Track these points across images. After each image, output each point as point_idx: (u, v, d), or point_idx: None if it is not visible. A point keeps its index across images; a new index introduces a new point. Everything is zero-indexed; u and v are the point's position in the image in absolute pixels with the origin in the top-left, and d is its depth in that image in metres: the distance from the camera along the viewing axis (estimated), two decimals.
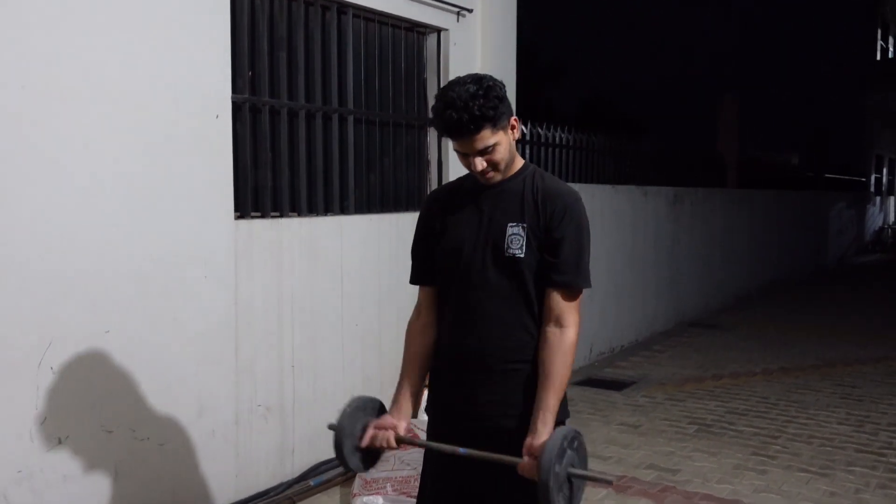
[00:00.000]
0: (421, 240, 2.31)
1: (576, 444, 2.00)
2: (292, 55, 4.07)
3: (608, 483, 2.03)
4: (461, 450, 2.09)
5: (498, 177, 2.15)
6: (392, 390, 2.35)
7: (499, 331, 2.15)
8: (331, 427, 2.19)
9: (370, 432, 2.19)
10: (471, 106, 2.00)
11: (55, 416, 2.95)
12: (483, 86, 2.04)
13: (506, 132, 2.11)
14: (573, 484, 1.99)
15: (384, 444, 2.19)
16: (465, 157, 2.11)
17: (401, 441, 2.21)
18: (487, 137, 2.05)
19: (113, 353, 3.14)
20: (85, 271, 3.03)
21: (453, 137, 2.07)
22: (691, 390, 6.05)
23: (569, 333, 2.10)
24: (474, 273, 2.16)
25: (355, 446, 2.19)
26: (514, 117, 2.15)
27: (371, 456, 2.25)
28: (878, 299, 11.39)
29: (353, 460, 2.20)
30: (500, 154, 2.10)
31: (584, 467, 2.03)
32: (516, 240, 2.11)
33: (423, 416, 3.00)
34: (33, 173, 2.88)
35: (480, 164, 2.09)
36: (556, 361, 2.07)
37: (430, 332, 2.29)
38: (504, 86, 2.12)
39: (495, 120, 2.05)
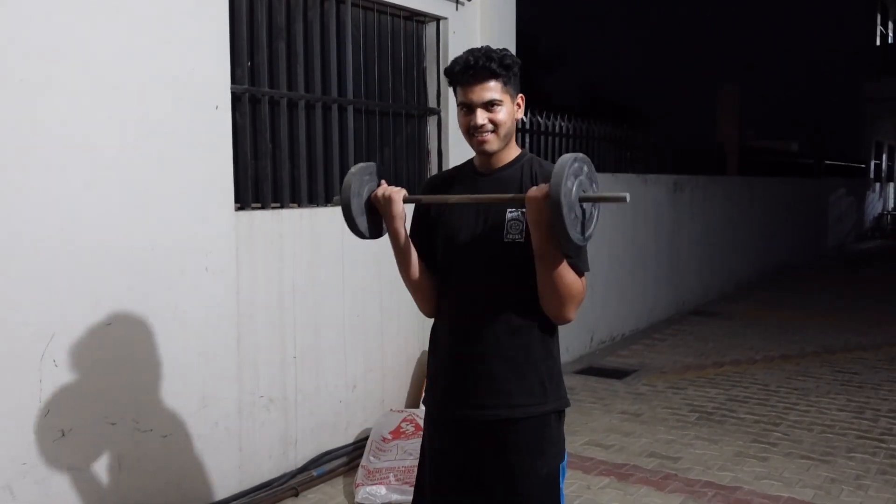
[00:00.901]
0: (418, 227, 2.31)
1: (586, 168, 1.94)
2: (291, 45, 4.06)
3: (622, 199, 1.91)
4: (453, 197, 2.13)
5: (494, 144, 2.13)
6: (395, 381, 2.35)
7: (498, 317, 2.14)
8: (335, 201, 2.16)
9: (381, 187, 2.20)
10: (489, 54, 2.09)
11: (58, 408, 2.96)
12: (502, 49, 2.13)
13: (512, 101, 2.13)
14: (584, 210, 1.93)
15: (392, 196, 2.15)
16: (469, 111, 2.11)
17: (408, 200, 2.19)
18: (495, 90, 2.08)
19: (115, 344, 3.15)
20: (86, 264, 3.04)
21: (462, 81, 2.10)
22: (692, 378, 6.07)
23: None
24: (473, 259, 2.16)
25: (363, 206, 2.20)
26: (522, 95, 2.18)
27: (377, 225, 2.25)
28: (879, 286, 11.40)
29: (361, 221, 2.20)
30: (503, 116, 2.10)
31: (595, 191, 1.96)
32: (515, 225, 2.11)
33: (424, 407, 3.01)
34: (33, 166, 2.87)
35: (482, 117, 2.09)
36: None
37: (431, 296, 2.27)
38: (521, 63, 2.16)
39: (506, 77, 2.10)
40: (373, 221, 2.24)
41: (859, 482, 4.03)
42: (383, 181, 2.23)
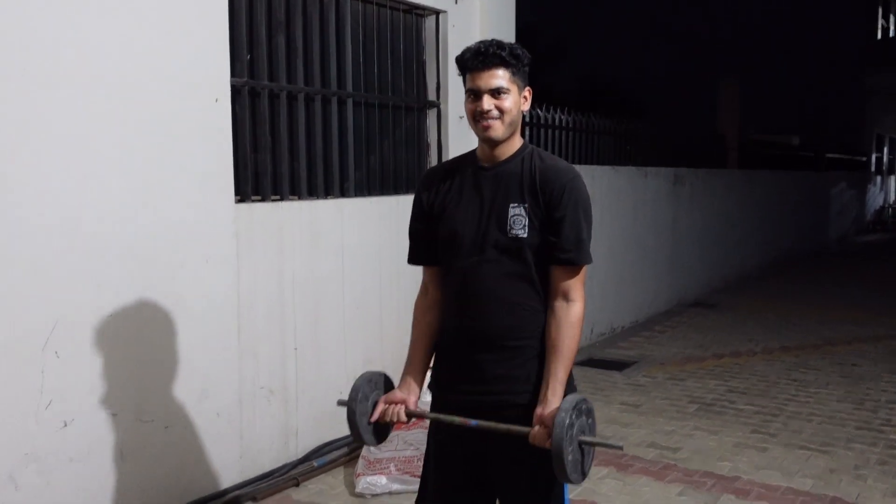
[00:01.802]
0: (418, 219, 2.31)
1: (585, 410, 2.04)
2: (291, 38, 4.07)
3: (618, 448, 2.08)
4: (472, 422, 2.12)
5: (499, 131, 2.15)
6: (393, 371, 2.37)
7: (502, 309, 2.15)
8: (340, 403, 2.27)
9: (380, 407, 2.26)
10: (500, 43, 2.14)
11: (60, 398, 2.97)
12: (512, 43, 2.19)
13: (519, 92, 2.17)
14: (584, 451, 2.03)
15: (395, 419, 2.25)
16: (476, 97, 2.14)
17: (411, 415, 2.27)
18: (503, 78, 2.12)
19: (117, 335, 3.16)
20: (88, 255, 3.05)
21: (472, 67, 2.13)
22: (692, 370, 6.08)
23: (576, 307, 2.13)
24: (476, 253, 2.17)
25: (367, 421, 2.26)
26: (529, 89, 2.21)
27: (382, 430, 2.32)
28: (879, 279, 11.41)
29: (367, 436, 2.27)
30: (509, 104, 2.13)
31: (594, 433, 2.07)
32: (518, 220, 2.13)
33: (426, 397, 3.03)
34: (35, 158, 2.89)
35: (488, 102, 2.12)
36: (564, 334, 2.11)
37: (436, 309, 2.31)
38: (531, 58, 2.21)
39: (515, 67, 2.14)
40: (378, 431, 2.31)
41: (858, 472, 4.04)
42: (381, 399, 2.28)
